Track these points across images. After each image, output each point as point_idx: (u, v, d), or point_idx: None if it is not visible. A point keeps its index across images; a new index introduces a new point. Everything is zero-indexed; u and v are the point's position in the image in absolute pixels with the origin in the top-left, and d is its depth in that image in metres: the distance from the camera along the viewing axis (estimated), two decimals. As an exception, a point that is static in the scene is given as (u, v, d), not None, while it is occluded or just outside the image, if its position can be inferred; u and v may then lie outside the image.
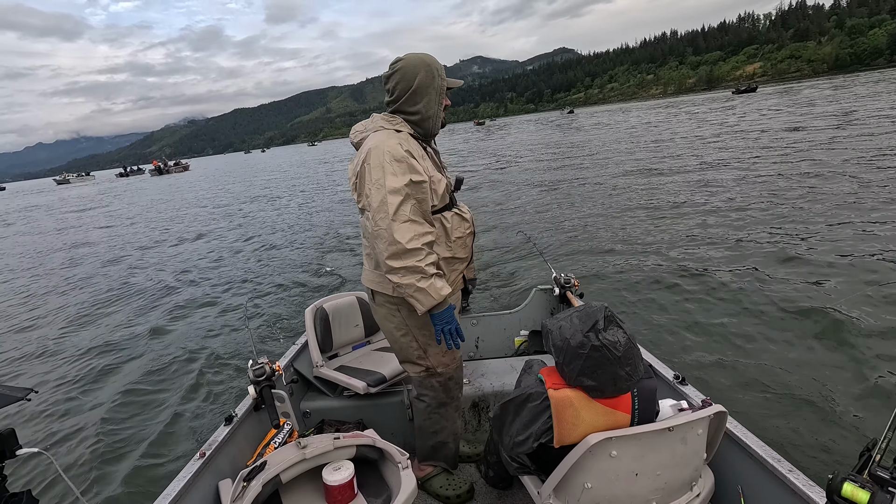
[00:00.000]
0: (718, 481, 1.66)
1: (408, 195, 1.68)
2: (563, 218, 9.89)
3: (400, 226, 1.65)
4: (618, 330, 1.47)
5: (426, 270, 1.68)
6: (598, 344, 1.43)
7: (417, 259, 1.66)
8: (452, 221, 1.86)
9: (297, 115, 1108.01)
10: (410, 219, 1.68)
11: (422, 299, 1.69)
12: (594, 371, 1.45)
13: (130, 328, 6.47)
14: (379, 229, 1.66)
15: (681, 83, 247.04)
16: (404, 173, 1.68)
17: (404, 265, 1.66)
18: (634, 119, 47.10)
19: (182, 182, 49.20)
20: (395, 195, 1.65)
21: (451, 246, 1.86)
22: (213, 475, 1.77)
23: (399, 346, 1.96)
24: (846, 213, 7.39)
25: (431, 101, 1.82)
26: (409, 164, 1.70)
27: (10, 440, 1.26)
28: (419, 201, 1.73)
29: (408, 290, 1.70)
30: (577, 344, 1.46)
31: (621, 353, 1.43)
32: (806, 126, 19.96)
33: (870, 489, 1.13)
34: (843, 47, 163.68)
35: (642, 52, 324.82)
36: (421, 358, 1.94)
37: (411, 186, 1.69)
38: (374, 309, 1.99)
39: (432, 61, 1.80)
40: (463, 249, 1.92)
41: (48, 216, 27.19)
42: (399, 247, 1.64)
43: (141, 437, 3.84)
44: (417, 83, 1.78)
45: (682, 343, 4.29)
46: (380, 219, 1.65)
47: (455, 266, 1.91)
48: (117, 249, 12.70)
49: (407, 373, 2.04)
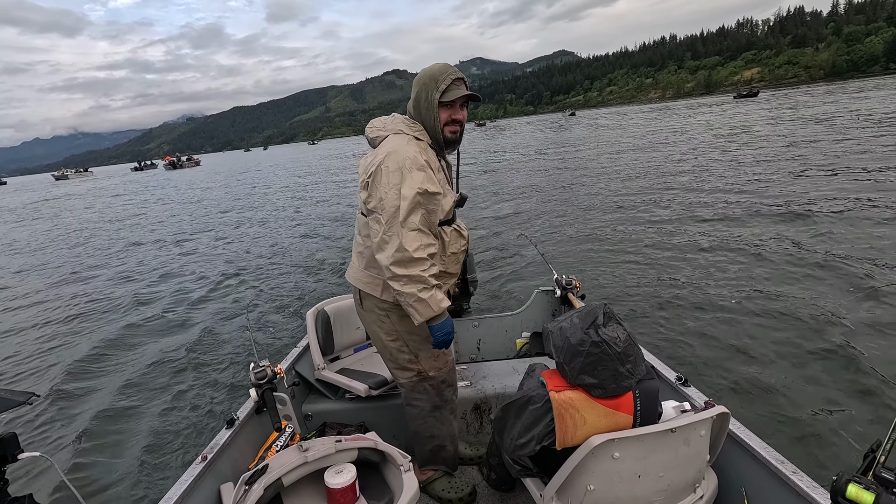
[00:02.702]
0: (721, 483, 1.65)
1: (420, 204, 1.68)
2: (565, 219, 9.91)
3: (409, 233, 1.65)
4: (617, 326, 1.48)
5: (429, 281, 1.68)
6: (597, 340, 1.44)
7: (422, 269, 1.67)
8: (451, 237, 1.86)
9: (296, 113, 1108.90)
10: (419, 228, 1.68)
11: (421, 310, 1.70)
12: (595, 367, 1.45)
13: (131, 330, 6.44)
14: (389, 235, 1.66)
15: (679, 87, 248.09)
16: (421, 182, 1.68)
17: (408, 274, 1.66)
18: (638, 121, 47.23)
19: (195, 175, 49.84)
20: (411, 202, 1.65)
21: (444, 260, 1.86)
22: (214, 479, 1.76)
23: (388, 351, 1.95)
24: (856, 217, 7.36)
25: (427, 116, 1.81)
26: (427, 175, 1.70)
27: (12, 444, 1.26)
28: (429, 212, 1.73)
29: (408, 300, 1.69)
30: (578, 341, 1.46)
31: (621, 349, 1.44)
32: (823, 128, 19.84)
33: (874, 490, 1.13)
34: (839, 54, 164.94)
35: (641, 55, 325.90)
36: (412, 363, 1.93)
37: (425, 196, 1.69)
38: (361, 314, 1.97)
39: (431, 73, 1.78)
40: (455, 265, 1.92)
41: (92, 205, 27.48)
42: (406, 254, 1.64)
43: (142, 441, 3.83)
44: (415, 95, 1.81)
45: (685, 344, 4.29)
46: (392, 224, 1.65)
47: (445, 281, 1.91)
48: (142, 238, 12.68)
49: (396, 381, 2.03)
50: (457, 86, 1.79)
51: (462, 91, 1.79)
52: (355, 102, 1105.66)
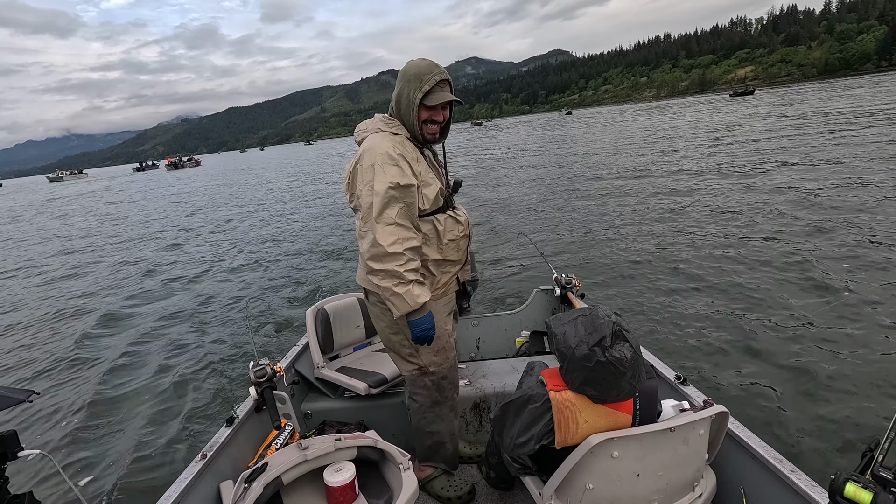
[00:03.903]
0: (720, 482, 1.66)
1: (394, 198, 1.68)
2: (564, 218, 9.93)
3: (384, 228, 1.66)
4: (625, 345, 1.45)
5: (405, 276, 1.68)
6: (604, 360, 1.42)
7: (397, 264, 1.67)
8: (445, 224, 1.85)
9: (291, 114, 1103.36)
10: (396, 222, 1.68)
11: (397, 304, 1.71)
12: (598, 383, 1.45)
13: (131, 330, 6.42)
14: (364, 230, 1.69)
15: (674, 86, 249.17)
16: (393, 177, 1.68)
17: (383, 268, 1.67)
18: (637, 121, 47.25)
19: (194, 174, 49.71)
20: (383, 197, 1.66)
21: (441, 248, 1.86)
22: (214, 476, 1.76)
23: (391, 344, 1.98)
24: (861, 216, 7.36)
25: (407, 114, 1.78)
26: (400, 168, 1.70)
27: (12, 442, 1.26)
28: (407, 205, 1.72)
29: (385, 293, 1.72)
30: (582, 356, 1.45)
31: (626, 368, 1.43)
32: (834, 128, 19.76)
33: (872, 489, 1.13)
34: (832, 52, 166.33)
35: (636, 54, 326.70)
36: (412, 356, 1.95)
37: (399, 190, 1.69)
38: (369, 308, 2.00)
39: (417, 71, 1.75)
40: (455, 252, 1.92)
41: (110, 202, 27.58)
42: (380, 249, 1.66)
43: (142, 439, 3.83)
44: (398, 90, 1.80)
45: (684, 343, 4.31)
46: (367, 220, 1.68)
47: (447, 269, 1.91)
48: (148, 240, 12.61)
49: (401, 372, 2.05)
50: (441, 88, 1.76)
51: (446, 96, 1.77)
52: (351, 102, 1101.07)
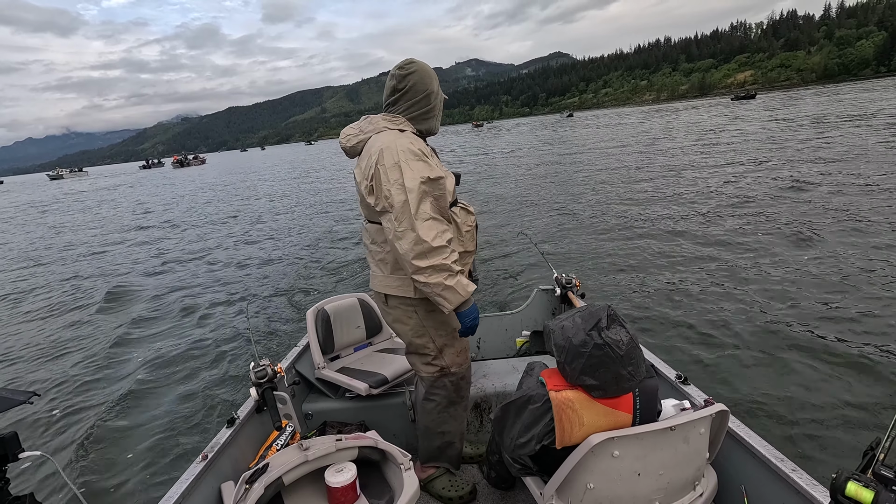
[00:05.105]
0: (721, 481, 1.66)
1: (426, 192, 1.68)
2: (565, 218, 9.94)
3: (423, 224, 1.64)
4: (620, 329, 1.48)
5: (452, 268, 1.67)
6: (600, 342, 1.43)
7: (444, 257, 1.65)
8: (461, 216, 1.87)
9: (291, 114, 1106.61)
10: (432, 216, 1.67)
11: (450, 297, 1.68)
12: (596, 370, 1.45)
13: (131, 330, 6.41)
14: (403, 229, 1.64)
15: (674, 90, 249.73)
16: (422, 171, 1.67)
17: (431, 264, 1.64)
18: (638, 123, 47.27)
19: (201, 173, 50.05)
20: (417, 193, 1.64)
21: (462, 240, 1.87)
22: (215, 477, 1.76)
23: (414, 347, 1.95)
24: (859, 220, 7.35)
25: (437, 108, 1.90)
26: (425, 162, 1.71)
27: (13, 443, 1.26)
28: (437, 198, 1.72)
29: (435, 290, 1.67)
30: (580, 342, 1.46)
31: (623, 352, 1.44)
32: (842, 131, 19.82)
33: (874, 488, 1.13)
34: (831, 57, 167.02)
35: (636, 58, 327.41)
36: (436, 359, 1.93)
37: (429, 184, 1.68)
38: (386, 312, 1.97)
39: (433, 71, 1.90)
40: (471, 242, 1.94)
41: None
42: (425, 245, 1.63)
43: (143, 440, 3.82)
44: (427, 87, 1.83)
45: (685, 343, 4.31)
46: (404, 219, 1.64)
47: (466, 260, 1.92)
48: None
49: (418, 373, 2.02)
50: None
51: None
52: (351, 103, 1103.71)
